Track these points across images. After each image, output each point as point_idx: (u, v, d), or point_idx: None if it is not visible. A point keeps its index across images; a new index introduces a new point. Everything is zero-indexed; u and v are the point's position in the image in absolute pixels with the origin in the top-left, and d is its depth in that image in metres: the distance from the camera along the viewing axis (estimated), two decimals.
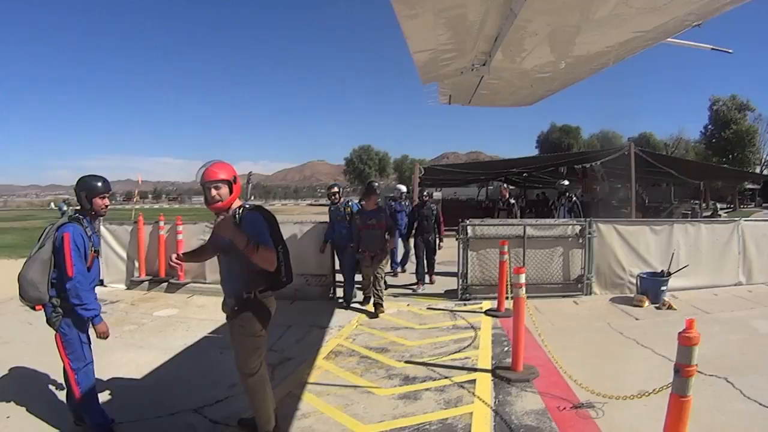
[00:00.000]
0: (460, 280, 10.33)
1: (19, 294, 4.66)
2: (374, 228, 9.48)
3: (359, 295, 10.32)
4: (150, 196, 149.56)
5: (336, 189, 10.62)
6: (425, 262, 12.13)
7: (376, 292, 9.45)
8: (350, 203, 10.46)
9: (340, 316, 9.32)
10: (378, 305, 9.39)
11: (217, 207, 4.45)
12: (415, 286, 11.67)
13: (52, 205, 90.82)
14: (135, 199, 19.69)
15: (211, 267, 11.38)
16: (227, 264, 4.56)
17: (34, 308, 4.70)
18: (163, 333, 8.25)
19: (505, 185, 14.33)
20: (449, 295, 10.66)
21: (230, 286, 4.58)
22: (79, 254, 4.61)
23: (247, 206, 4.55)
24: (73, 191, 4.98)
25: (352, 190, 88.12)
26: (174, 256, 4.85)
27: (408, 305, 9.96)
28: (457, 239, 10.44)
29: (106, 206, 4.96)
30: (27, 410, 5.23)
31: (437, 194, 25.04)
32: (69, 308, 4.61)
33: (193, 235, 11.68)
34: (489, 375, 6.21)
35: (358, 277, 10.24)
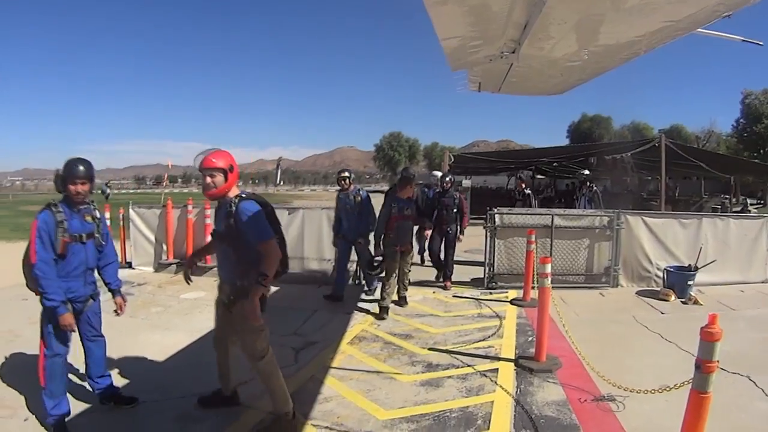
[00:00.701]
0: (487, 269, 10.33)
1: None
2: (409, 219, 8.81)
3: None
4: (180, 180, 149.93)
5: (346, 174, 9.80)
6: (443, 258, 10.73)
7: (403, 285, 8.99)
8: (361, 191, 9.71)
9: (365, 301, 9.34)
10: (403, 298, 9.01)
11: (211, 194, 4.57)
12: (443, 284, 10.43)
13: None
14: (164, 183, 19.79)
15: None
16: (223, 252, 4.72)
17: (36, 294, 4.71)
18: (189, 315, 8.34)
19: (521, 176, 13.95)
20: (475, 283, 10.66)
21: (226, 274, 4.75)
22: (43, 241, 4.52)
23: (244, 195, 4.63)
24: (101, 176, 4.92)
25: (382, 176, 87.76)
26: (187, 274, 5.12)
27: (434, 292, 9.96)
28: (484, 227, 10.46)
29: (79, 193, 4.70)
30: None
31: (467, 182, 24.90)
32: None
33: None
34: (512, 364, 6.22)
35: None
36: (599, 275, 10.13)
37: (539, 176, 31.18)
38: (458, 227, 10.70)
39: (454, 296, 9.74)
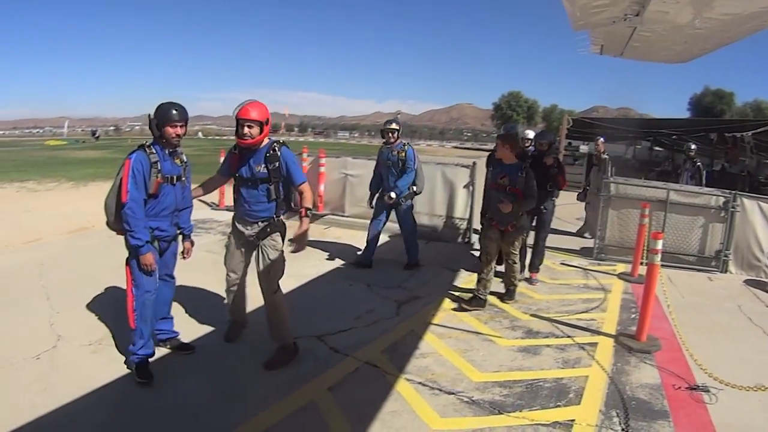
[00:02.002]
0: (597, 239, 10.21)
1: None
2: (505, 191, 6.92)
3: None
4: (296, 129, 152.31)
5: (394, 125, 8.46)
6: (535, 243, 8.48)
7: (510, 278, 7.39)
8: (406, 147, 8.48)
9: (472, 260, 9.37)
10: (510, 291, 7.46)
11: (247, 143, 5.00)
12: (528, 275, 8.46)
13: (200, 134, 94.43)
14: (281, 131, 20.35)
15: (351, 200, 12.02)
16: (254, 194, 5.17)
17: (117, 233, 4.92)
18: (297, 261, 8.41)
19: (601, 138, 12.69)
20: (584, 252, 10.55)
21: (257, 213, 5.20)
22: (136, 181, 4.60)
23: (281, 141, 5.19)
24: (218, 123, 5.08)
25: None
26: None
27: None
28: (599, 196, 10.30)
29: (178, 135, 4.86)
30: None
31: (584, 148, 24.38)
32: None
33: (335, 168, 12.11)
34: (611, 340, 6.18)
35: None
36: (709, 258, 9.76)
37: (657, 148, 30.00)
38: (553, 201, 8.54)
39: (561, 263, 9.69)
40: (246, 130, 4.91)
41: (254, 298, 5.63)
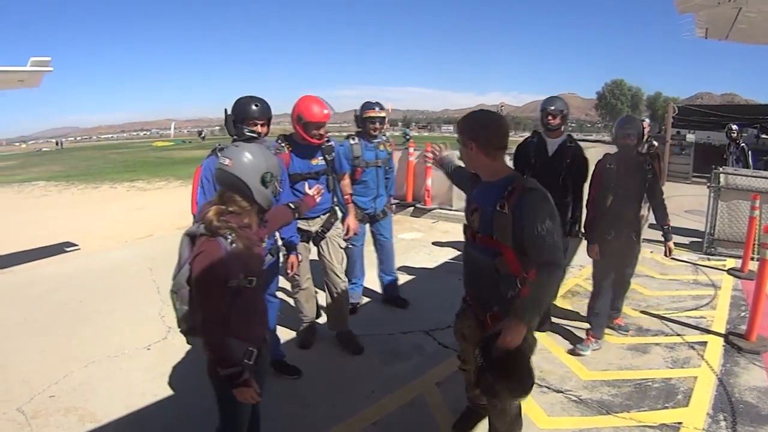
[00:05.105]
0: (707, 233, 9.88)
1: None
2: (473, 243, 3.65)
3: None
4: (400, 123, 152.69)
5: (380, 112, 6.40)
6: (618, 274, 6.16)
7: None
8: (387, 139, 6.67)
9: (581, 255, 9.21)
10: None
11: (321, 142, 5.07)
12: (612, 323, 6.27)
13: None
14: (385, 127, 20.65)
15: (459, 194, 11.90)
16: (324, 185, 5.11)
17: None
18: (405, 255, 8.70)
19: (647, 121, 10.49)
20: (694, 246, 10.18)
21: (321, 206, 5.02)
22: (205, 191, 4.11)
23: None
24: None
25: (603, 126, 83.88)
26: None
27: (651, 252, 9.51)
28: (708, 187, 9.94)
29: (258, 134, 4.32)
30: None
31: (690, 137, 23.49)
32: None
33: None
34: (721, 339, 6.01)
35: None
36: None
37: (764, 136, 28.71)
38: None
39: (671, 258, 9.41)
40: (323, 130, 4.93)
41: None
